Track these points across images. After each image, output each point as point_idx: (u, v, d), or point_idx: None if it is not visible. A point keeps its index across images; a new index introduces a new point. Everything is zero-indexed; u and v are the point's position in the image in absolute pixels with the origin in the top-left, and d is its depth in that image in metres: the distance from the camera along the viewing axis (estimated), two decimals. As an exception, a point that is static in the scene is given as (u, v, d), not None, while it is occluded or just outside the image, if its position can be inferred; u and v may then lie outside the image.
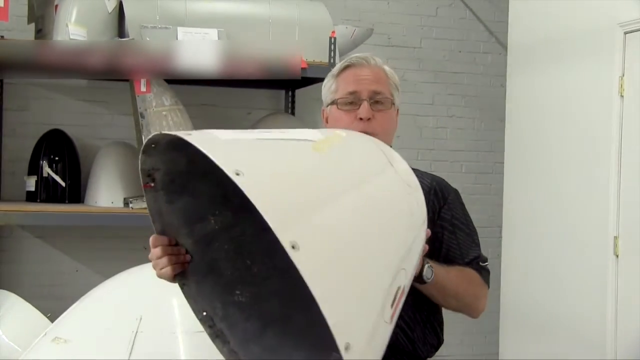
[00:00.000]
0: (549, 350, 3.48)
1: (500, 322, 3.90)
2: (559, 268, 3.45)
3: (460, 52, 4.34)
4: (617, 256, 3.11)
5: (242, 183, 1.03)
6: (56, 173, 3.29)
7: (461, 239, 1.74)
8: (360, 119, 1.70)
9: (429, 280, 1.54)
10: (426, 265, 1.53)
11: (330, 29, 3.43)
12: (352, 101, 1.73)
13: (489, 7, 4.37)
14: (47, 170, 3.29)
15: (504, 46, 4.20)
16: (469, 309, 1.74)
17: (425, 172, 1.82)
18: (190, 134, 1.18)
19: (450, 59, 4.32)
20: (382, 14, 4.17)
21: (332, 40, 3.37)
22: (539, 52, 3.65)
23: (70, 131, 3.45)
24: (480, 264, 1.73)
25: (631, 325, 3.05)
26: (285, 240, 0.97)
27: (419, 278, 1.52)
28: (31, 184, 3.30)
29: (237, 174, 1.04)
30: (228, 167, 1.05)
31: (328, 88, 1.79)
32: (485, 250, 4.92)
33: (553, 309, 3.48)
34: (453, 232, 1.73)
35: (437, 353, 1.81)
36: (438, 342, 1.80)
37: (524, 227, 3.74)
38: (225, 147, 1.18)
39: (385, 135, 1.74)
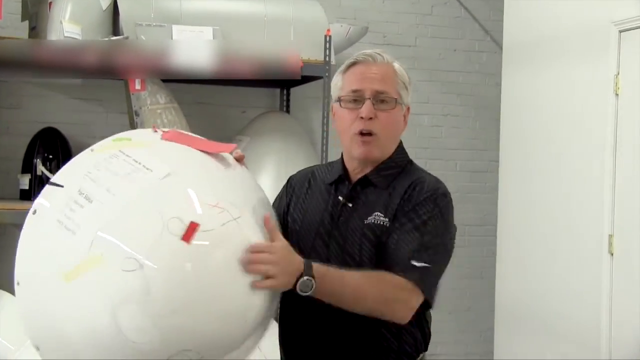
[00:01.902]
0: (543, 349, 3.49)
1: (495, 320, 3.91)
2: (554, 266, 3.45)
3: (455, 50, 4.34)
4: (612, 254, 3.12)
5: None
6: (50, 171, 3.27)
7: (406, 231, 1.63)
8: (362, 117, 1.69)
9: (306, 294, 1.50)
10: (301, 280, 1.49)
11: (326, 27, 3.43)
12: (355, 99, 1.71)
13: (484, 5, 4.37)
14: (41, 168, 3.28)
15: (499, 45, 4.20)
16: (381, 314, 1.61)
17: (423, 172, 1.79)
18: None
19: (446, 58, 4.32)
20: (377, 13, 4.17)
21: (327, 38, 3.37)
22: (534, 50, 3.65)
23: (64, 129, 3.44)
24: (414, 263, 1.60)
25: (626, 324, 3.05)
26: None
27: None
28: (25, 182, 3.29)
29: None
30: None
31: (335, 84, 1.78)
32: (480, 249, 4.90)
33: (548, 308, 3.48)
34: (402, 224, 1.65)
35: (432, 351, 1.80)
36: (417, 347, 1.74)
37: (518, 226, 3.75)
38: None
39: (387, 135, 1.73)
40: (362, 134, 1.70)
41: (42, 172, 3.27)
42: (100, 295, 1.32)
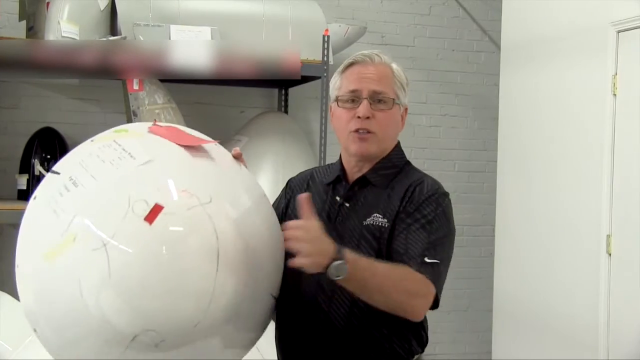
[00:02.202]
0: (541, 349, 3.49)
1: (493, 320, 3.91)
2: (552, 266, 3.46)
3: (453, 50, 4.34)
4: (610, 255, 3.12)
5: None
6: (48, 171, 3.27)
7: (413, 230, 1.64)
8: (359, 117, 1.70)
9: (338, 278, 1.47)
10: (335, 263, 1.46)
11: (324, 27, 3.42)
12: (352, 99, 1.72)
13: (482, 5, 4.37)
14: (38, 168, 3.27)
15: (497, 45, 4.21)
16: (401, 309, 1.59)
17: (421, 173, 1.79)
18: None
19: (444, 58, 4.32)
20: (375, 13, 4.17)
21: (326, 38, 3.37)
22: (532, 50, 3.66)
23: (62, 129, 3.43)
24: (426, 259, 1.60)
25: (623, 324, 3.06)
26: None
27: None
28: (22, 182, 3.29)
29: None
30: None
31: (333, 84, 1.79)
32: (478, 249, 4.91)
33: (546, 308, 3.49)
34: (408, 225, 1.65)
35: (430, 351, 1.80)
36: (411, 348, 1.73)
37: (517, 226, 3.75)
38: None
39: (384, 135, 1.73)
40: (358, 131, 1.71)
41: (39, 172, 3.26)
42: (73, 275, 1.37)
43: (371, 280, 1.53)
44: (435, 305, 1.64)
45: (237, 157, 1.68)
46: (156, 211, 1.38)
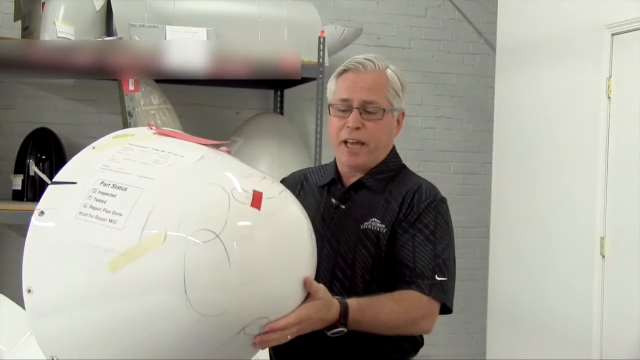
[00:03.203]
0: (536, 351, 3.49)
1: (487, 322, 3.92)
2: (546, 268, 3.46)
3: (449, 52, 4.35)
4: (604, 257, 3.13)
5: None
6: (43, 172, 3.27)
7: (418, 243, 1.65)
8: (349, 127, 1.71)
9: (337, 335, 1.50)
10: (333, 331, 1.49)
11: (319, 29, 3.43)
12: (344, 109, 1.72)
13: (477, 8, 4.38)
14: (33, 169, 3.27)
15: (492, 47, 4.22)
16: (409, 333, 1.68)
17: (418, 177, 1.80)
18: None
19: (439, 60, 4.33)
20: (371, 14, 4.18)
21: (321, 40, 3.37)
22: (528, 53, 3.67)
23: (57, 130, 3.43)
24: (437, 278, 1.63)
25: (617, 325, 3.06)
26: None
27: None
28: (17, 182, 3.28)
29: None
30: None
31: (329, 89, 1.79)
32: (472, 251, 4.90)
33: (540, 309, 3.49)
34: (413, 235, 1.66)
35: (425, 353, 1.81)
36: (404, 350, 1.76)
37: (511, 228, 3.76)
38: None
39: (376, 145, 1.73)
40: (347, 142, 1.72)
41: (35, 172, 3.26)
42: (164, 274, 1.26)
43: (376, 327, 1.57)
44: (449, 310, 1.68)
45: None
46: (258, 197, 1.35)
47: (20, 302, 2.89)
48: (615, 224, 3.10)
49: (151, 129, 1.62)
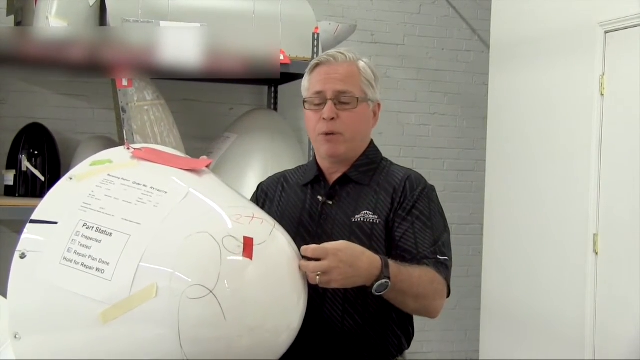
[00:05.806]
0: (529, 348, 3.50)
1: (480, 318, 3.92)
2: (539, 265, 3.47)
3: (443, 49, 4.35)
4: (597, 254, 3.14)
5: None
6: (35, 167, 3.25)
7: (418, 229, 1.68)
8: (324, 118, 1.71)
9: (381, 293, 1.52)
10: (379, 282, 1.50)
11: (314, 25, 3.42)
12: (318, 102, 1.74)
13: (471, 5, 4.39)
14: (26, 164, 3.25)
15: (486, 44, 4.22)
16: (426, 310, 1.67)
17: (402, 167, 1.82)
18: None
19: (433, 57, 4.33)
20: (365, 11, 4.18)
21: (315, 36, 3.37)
22: (521, 50, 3.67)
23: (50, 125, 3.42)
24: (439, 257, 1.67)
25: (610, 322, 3.08)
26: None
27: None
28: (10, 178, 3.27)
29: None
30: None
31: (303, 85, 1.81)
32: (466, 248, 4.91)
33: (533, 306, 3.50)
34: (412, 223, 1.68)
35: (418, 349, 1.82)
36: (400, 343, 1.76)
37: (505, 225, 3.76)
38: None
39: (352, 135, 1.74)
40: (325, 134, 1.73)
41: (27, 167, 3.25)
42: (159, 331, 1.25)
43: (409, 290, 1.58)
44: (448, 294, 1.70)
45: (207, 166, 1.67)
46: (249, 245, 1.32)
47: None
48: (608, 221, 3.11)
49: (128, 149, 1.58)
